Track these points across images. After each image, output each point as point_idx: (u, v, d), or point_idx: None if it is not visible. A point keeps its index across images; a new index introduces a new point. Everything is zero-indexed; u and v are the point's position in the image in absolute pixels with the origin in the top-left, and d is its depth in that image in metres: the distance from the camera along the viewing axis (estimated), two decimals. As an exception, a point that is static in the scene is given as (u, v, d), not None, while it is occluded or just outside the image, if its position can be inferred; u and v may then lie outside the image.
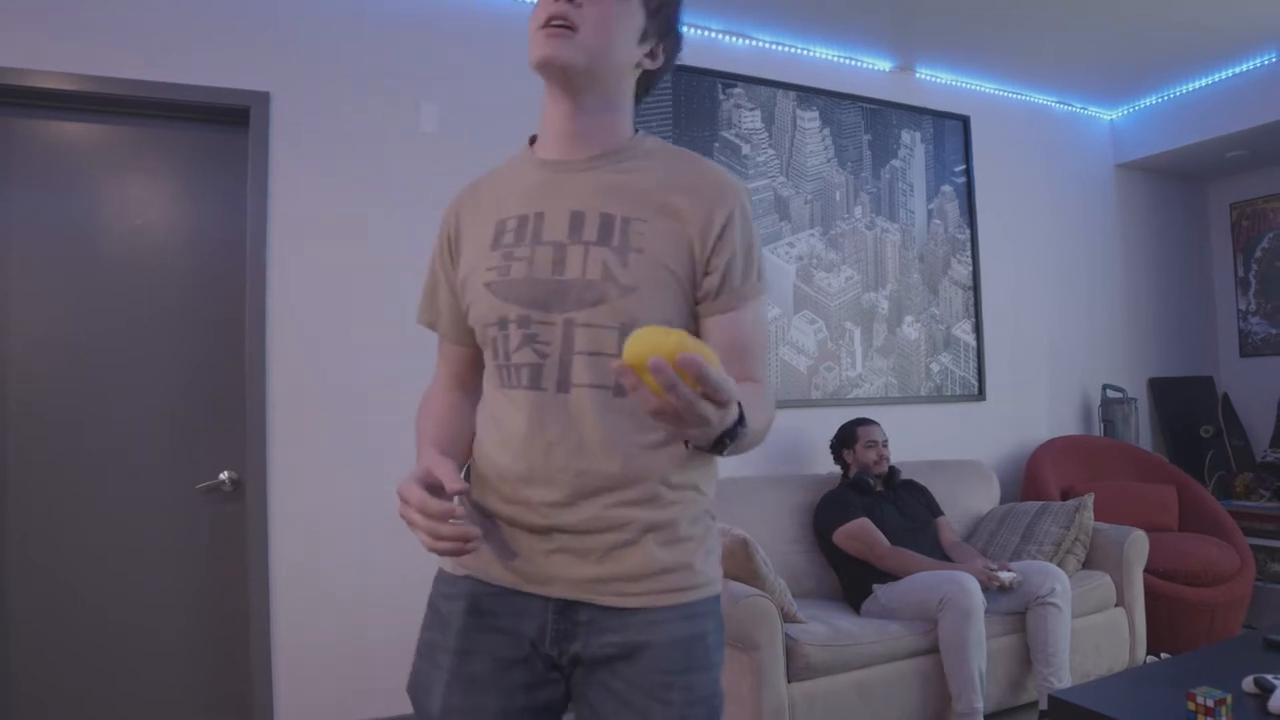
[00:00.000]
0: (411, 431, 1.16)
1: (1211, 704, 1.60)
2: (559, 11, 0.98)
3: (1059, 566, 2.88)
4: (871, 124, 3.69)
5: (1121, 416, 4.06)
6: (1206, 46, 3.60)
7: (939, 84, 3.89)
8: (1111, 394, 4.15)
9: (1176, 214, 4.69)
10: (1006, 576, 2.66)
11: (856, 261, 3.62)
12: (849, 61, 3.67)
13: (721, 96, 3.37)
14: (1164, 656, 2.99)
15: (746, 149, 3.41)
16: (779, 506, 3.05)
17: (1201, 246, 4.79)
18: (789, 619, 2.47)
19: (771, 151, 3.46)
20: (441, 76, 2.88)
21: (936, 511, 3.12)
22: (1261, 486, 4.09)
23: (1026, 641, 2.69)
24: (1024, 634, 2.70)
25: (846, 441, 3.14)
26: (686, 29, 3.32)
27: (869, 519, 2.86)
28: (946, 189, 3.86)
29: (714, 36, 3.38)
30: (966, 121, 3.93)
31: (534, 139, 1.13)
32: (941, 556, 2.88)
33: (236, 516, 2.57)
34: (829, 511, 2.95)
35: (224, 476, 2.54)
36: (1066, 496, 3.54)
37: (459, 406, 1.15)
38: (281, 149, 2.63)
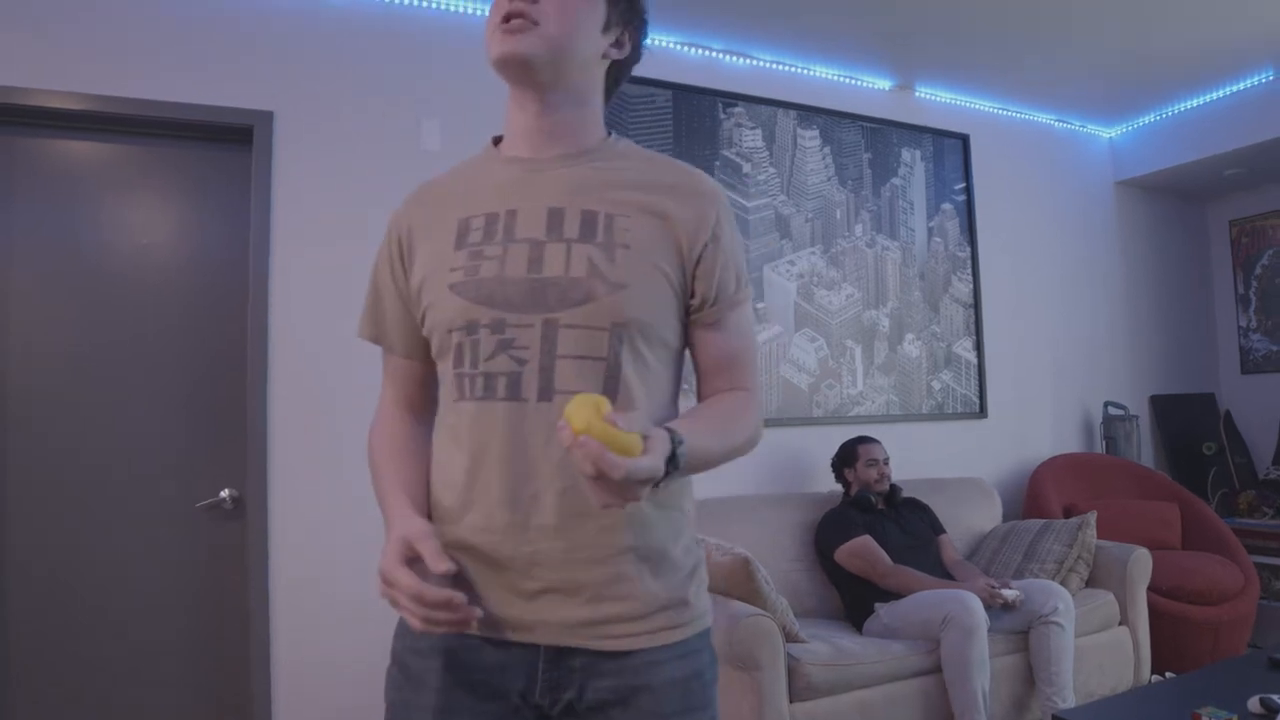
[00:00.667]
0: None
1: (1217, 725, 1.60)
2: (517, 8, 0.94)
3: (1062, 585, 2.87)
4: (872, 142, 3.71)
5: (1123, 434, 4.06)
6: (1204, 65, 3.62)
7: (939, 103, 3.91)
8: (1113, 411, 4.15)
9: (1176, 231, 4.70)
10: (1009, 594, 2.65)
11: (857, 279, 3.63)
12: (849, 80, 3.69)
13: (722, 115, 3.40)
14: (1169, 676, 2.97)
15: (747, 167, 3.43)
16: (780, 525, 3.04)
17: (1201, 263, 4.80)
18: (791, 638, 2.46)
19: (772, 170, 3.48)
20: (443, 95, 2.90)
21: (938, 530, 3.11)
22: (1264, 504, 4.07)
23: (1029, 661, 2.67)
24: (1027, 653, 2.68)
25: (847, 460, 3.14)
26: (687, 49, 3.41)
27: (871, 537, 2.86)
28: (947, 207, 3.88)
29: (715, 56, 3.41)
30: (966, 140, 3.95)
31: (498, 140, 1.07)
32: (944, 575, 2.87)
33: (237, 534, 2.56)
34: (830, 530, 2.94)
35: (225, 494, 2.54)
36: (1069, 514, 3.52)
37: (413, 437, 1.05)
38: (285, 167, 2.65)
